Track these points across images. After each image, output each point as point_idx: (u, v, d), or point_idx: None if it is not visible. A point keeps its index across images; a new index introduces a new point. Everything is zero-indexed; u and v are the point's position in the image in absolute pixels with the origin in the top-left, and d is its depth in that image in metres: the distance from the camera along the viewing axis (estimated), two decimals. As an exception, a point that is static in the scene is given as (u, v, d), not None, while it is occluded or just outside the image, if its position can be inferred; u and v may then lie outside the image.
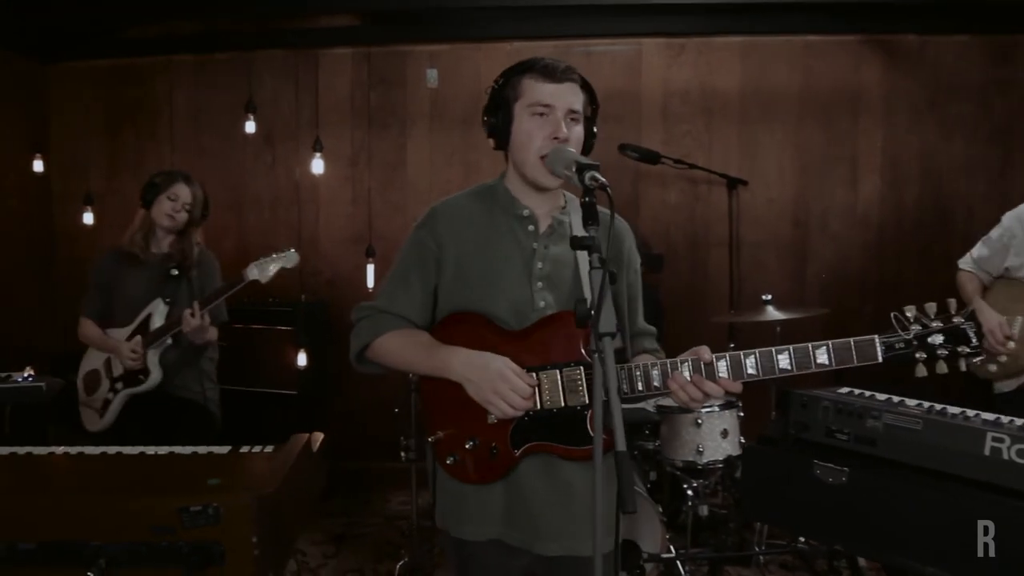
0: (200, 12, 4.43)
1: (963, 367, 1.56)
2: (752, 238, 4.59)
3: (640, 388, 1.64)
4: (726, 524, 3.49)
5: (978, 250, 2.96)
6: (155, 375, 2.95)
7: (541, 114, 1.71)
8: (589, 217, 1.48)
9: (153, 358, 2.94)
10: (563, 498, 1.73)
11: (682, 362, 1.61)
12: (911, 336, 1.55)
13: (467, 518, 1.80)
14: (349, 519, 4.18)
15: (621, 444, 1.30)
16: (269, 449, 1.94)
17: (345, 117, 4.58)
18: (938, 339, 1.54)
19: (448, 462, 1.77)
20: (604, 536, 1.84)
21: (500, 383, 1.63)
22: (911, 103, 4.57)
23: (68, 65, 4.77)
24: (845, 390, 2.26)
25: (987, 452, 1.83)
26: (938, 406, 2.08)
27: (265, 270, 2.89)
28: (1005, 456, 1.81)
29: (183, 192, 3.05)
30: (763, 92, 4.56)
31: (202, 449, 1.95)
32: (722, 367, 1.59)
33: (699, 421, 3.23)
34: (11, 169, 4.48)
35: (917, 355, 1.55)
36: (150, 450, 2.00)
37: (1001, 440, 1.82)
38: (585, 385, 1.65)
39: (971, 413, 2.04)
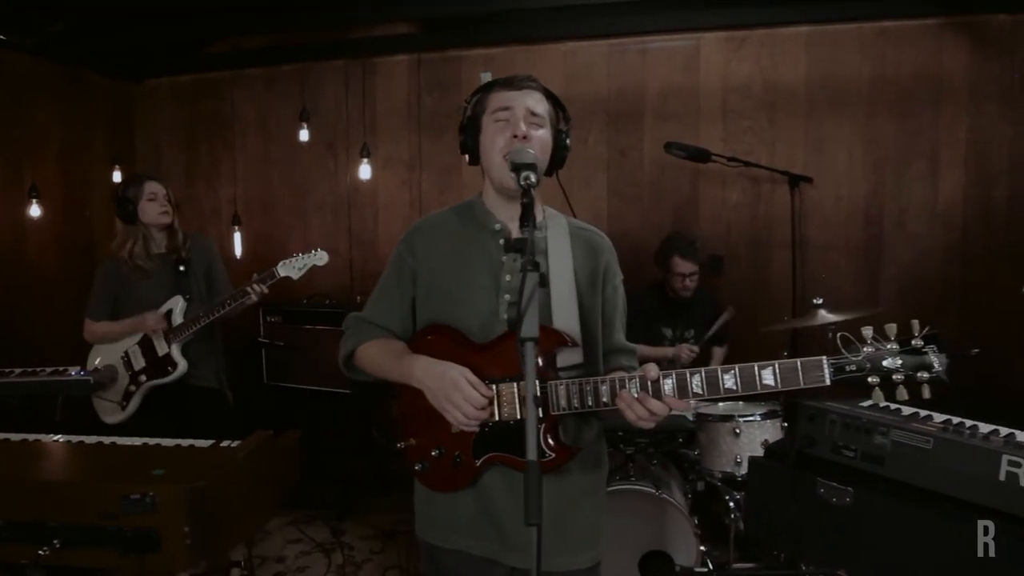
0: (266, 27, 4.61)
1: (926, 394, 1.44)
2: (821, 239, 4.35)
3: (590, 403, 1.60)
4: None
5: None
6: (182, 366, 3.15)
7: (503, 119, 1.74)
8: (524, 219, 1.45)
9: (177, 350, 3.14)
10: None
11: (629, 379, 1.57)
12: (862, 358, 1.45)
13: (436, 524, 1.85)
14: (400, 516, 4.25)
15: (532, 454, 1.27)
16: (235, 444, 2.03)
17: (402, 123, 4.67)
18: (894, 363, 1.44)
19: (416, 468, 1.83)
20: (585, 550, 1.83)
21: (453, 392, 1.65)
22: (1001, 89, 4.20)
23: (151, 82, 5.08)
24: (867, 403, 2.09)
25: (1002, 477, 1.65)
26: (958, 421, 1.91)
27: (294, 268, 3.04)
28: (1022, 482, 1.63)
29: (157, 188, 3.25)
30: (831, 84, 4.31)
31: (184, 442, 2.06)
32: (668, 385, 1.54)
33: (737, 431, 3.10)
34: (97, 180, 4.81)
35: (870, 379, 1.45)
36: (130, 441, 2.15)
37: (1018, 464, 1.64)
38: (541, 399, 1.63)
39: (994, 431, 1.85)
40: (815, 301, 3.29)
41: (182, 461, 1.93)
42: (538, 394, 1.33)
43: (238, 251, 4.58)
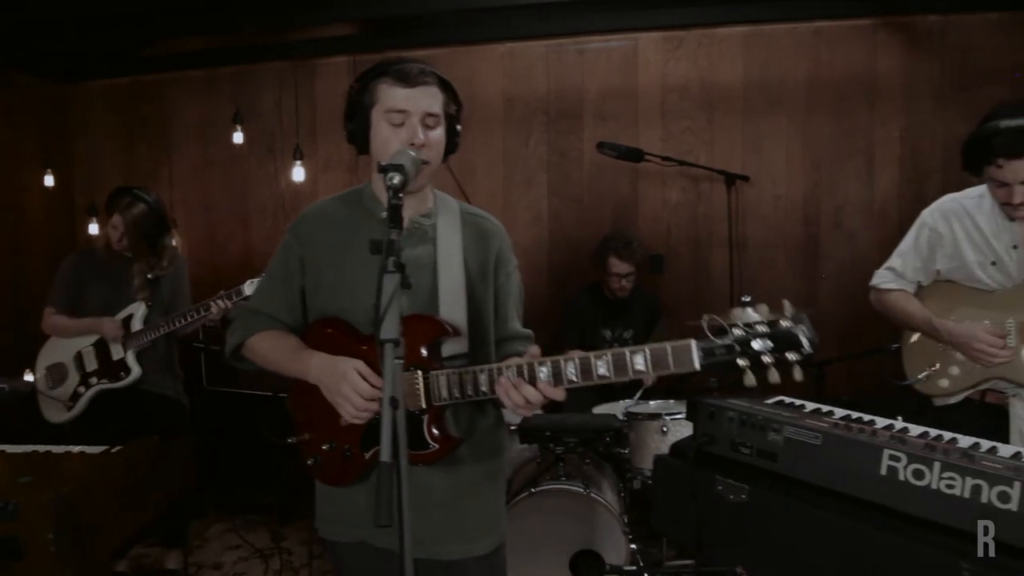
0: (203, 29, 4.55)
1: (798, 376, 1.41)
2: (760, 237, 4.38)
3: (470, 393, 1.60)
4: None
5: (901, 262, 2.64)
6: (135, 372, 3.14)
7: (399, 123, 1.70)
8: (392, 220, 1.44)
9: (132, 356, 3.12)
10: (424, 502, 1.74)
11: (506, 368, 1.57)
12: (731, 341, 1.42)
13: (335, 519, 1.85)
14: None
15: (385, 455, 1.26)
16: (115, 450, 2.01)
17: (341, 124, 4.62)
18: (764, 344, 1.40)
19: (309, 463, 1.83)
20: (484, 537, 1.83)
21: (343, 384, 1.63)
22: (934, 88, 4.27)
23: (87, 85, 5.00)
24: (772, 400, 2.11)
25: (883, 471, 1.67)
26: (857, 416, 1.93)
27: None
28: (901, 476, 1.64)
29: (116, 221, 3.27)
30: (768, 84, 4.35)
31: (75, 448, 2.02)
32: (543, 373, 1.53)
33: (665, 429, 3.11)
34: (30, 184, 4.73)
35: (740, 362, 1.41)
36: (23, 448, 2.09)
37: (898, 459, 1.65)
38: (423, 390, 1.63)
39: (888, 425, 1.87)
40: (743, 299, 3.30)
41: (53, 468, 1.89)
42: (396, 396, 1.31)
43: (175, 255, 4.53)
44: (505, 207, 4.56)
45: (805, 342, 1.39)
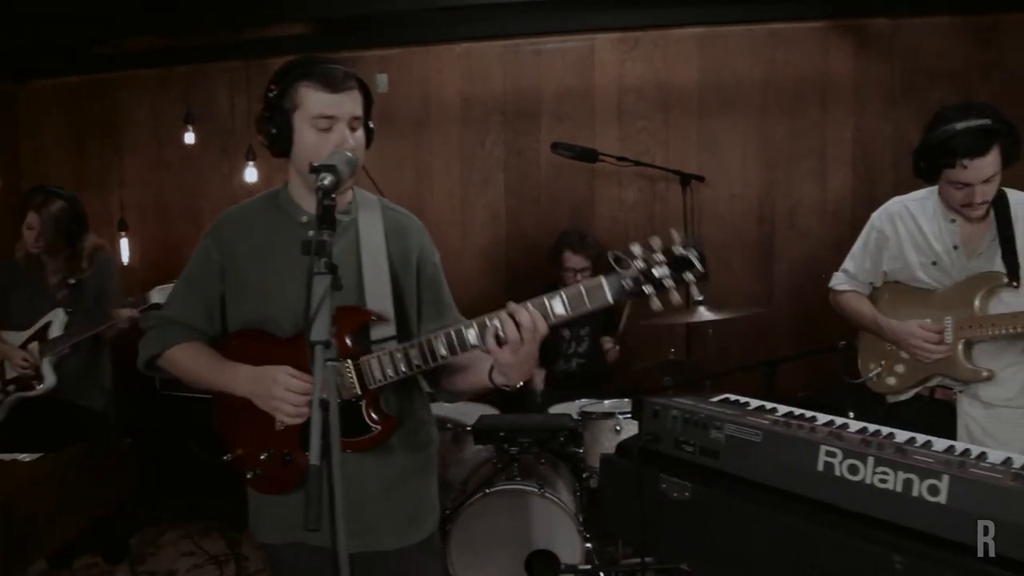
0: (155, 27, 4.48)
1: (696, 295, 1.58)
2: (716, 237, 4.42)
3: (404, 369, 1.65)
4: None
5: (853, 264, 2.74)
6: (49, 381, 3.05)
7: (326, 128, 1.68)
8: (323, 221, 1.43)
9: (48, 364, 3.02)
10: (359, 494, 1.75)
11: (435, 337, 1.64)
12: (635, 272, 1.54)
13: (269, 522, 1.85)
14: (298, 527, 4.18)
15: (314, 458, 1.25)
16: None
17: (257, 128, 4.58)
18: (664, 271, 1.53)
19: (248, 476, 1.81)
20: (417, 525, 1.83)
21: (276, 388, 1.63)
22: (884, 90, 4.34)
23: (35, 84, 4.89)
24: (716, 398, 2.12)
25: (820, 467, 1.69)
26: (799, 413, 1.95)
27: (164, 296, 2.97)
28: (837, 472, 1.66)
29: (32, 220, 3.17)
30: (723, 85, 4.39)
31: (7, 456, 1.97)
32: (471, 335, 1.62)
33: (618, 428, 3.13)
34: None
35: (646, 290, 1.54)
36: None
37: (834, 454, 1.67)
38: (355, 376, 1.66)
39: (829, 421, 1.89)
40: (696, 299, 3.33)
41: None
42: (326, 398, 1.30)
43: (125, 258, 4.44)
44: (463, 207, 4.55)
45: (696, 262, 1.52)
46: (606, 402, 3.40)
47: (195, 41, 4.61)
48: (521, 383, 1.68)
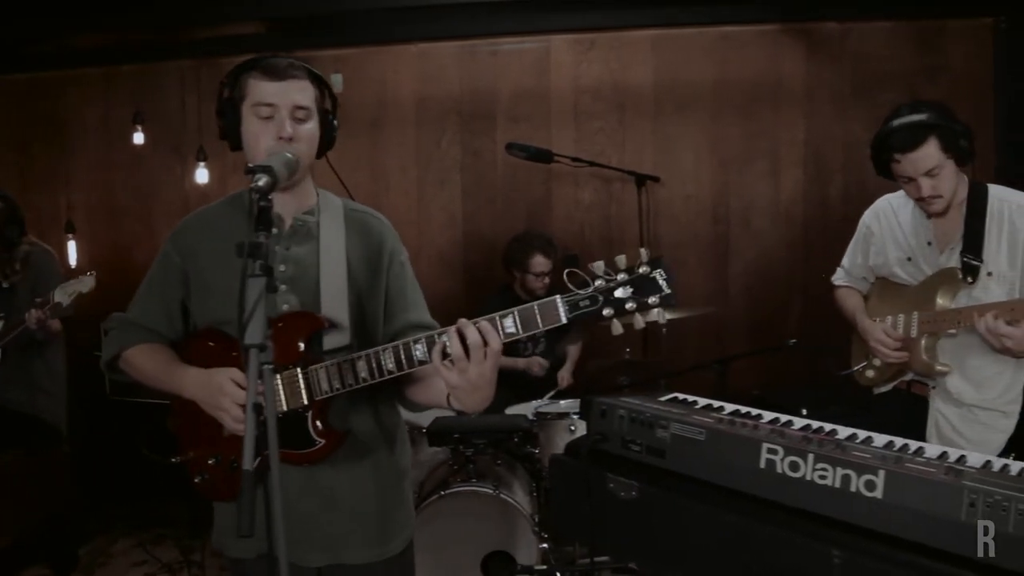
0: (103, 25, 4.38)
1: (661, 319, 1.49)
2: (671, 237, 4.46)
3: (350, 382, 1.60)
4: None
5: (848, 260, 2.82)
6: None
7: (267, 116, 1.67)
8: (259, 223, 1.41)
9: None
10: (325, 505, 1.73)
11: (383, 350, 1.59)
12: (593, 292, 1.45)
13: (232, 533, 1.80)
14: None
15: (247, 463, 1.24)
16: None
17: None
18: (625, 292, 1.44)
19: (197, 481, 1.79)
20: (390, 539, 1.81)
21: (220, 397, 1.61)
22: (834, 93, 4.43)
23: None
24: (665, 397, 2.14)
25: (762, 465, 1.71)
26: (745, 411, 1.97)
27: (65, 294, 2.92)
28: (778, 469, 1.68)
29: None
30: (678, 86, 4.44)
31: None
32: (419, 350, 1.56)
33: (572, 428, 3.13)
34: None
35: (605, 312, 1.45)
36: None
37: (775, 452, 1.70)
38: (303, 386, 1.62)
39: (774, 419, 1.92)
40: (661, 323, 3.36)
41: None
42: (260, 402, 1.28)
43: (73, 261, 4.35)
44: (419, 208, 4.53)
45: (663, 284, 1.44)
46: (561, 402, 3.41)
47: (145, 39, 4.52)
48: (481, 409, 1.64)
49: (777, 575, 1.64)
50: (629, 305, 1.45)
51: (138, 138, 4.23)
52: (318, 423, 1.63)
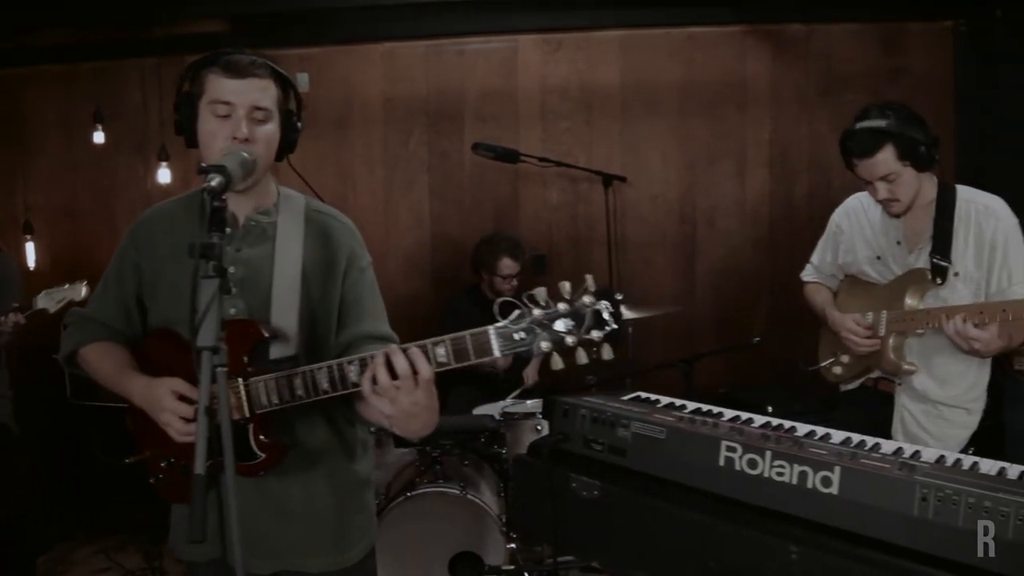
0: (63, 22, 4.30)
1: (607, 354, 1.35)
2: (639, 237, 4.48)
3: (288, 398, 1.56)
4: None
5: (818, 257, 2.84)
6: None
7: (224, 115, 1.62)
8: (212, 224, 1.38)
9: None
10: (277, 513, 1.70)
11: (317, 369, 1.54)
12: (530, 323, 1.33)
13: (186, 538, 1.74)
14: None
15: (199, 468, 1.21)
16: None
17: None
18: (566, 324, 1.31)
19: (152, 481, 1.77)
20: (349, 547, 1.78)
21: (162, 413, 1.59)
22: (799, 93, 4.47)
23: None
24: (627, 396, 2.15)
25: (721, 463, 1.72)
26: (707, 409, 1.98)
27: (52, 300, 2.85)
28: (737, 466, 1.70)
29: None
30: (645, 87, 4.45)
31: None
32: (352, 372, 1.50)
33: (539, 428, 3.14)
34: None
35: (542, 345, 1.32)
36: None
37: (734, 449, 1.71)
38: (245, 398, 1.58)
39: (734, 417, 1.93)
40: (615, 297, 3.36)
41: None
42: (212, 405, 1.26)
43: (32, 262, 4.26)
44: (386, 208, 4.50)
45: (608, 317, 1.33)
46: (528, 402, 3.41)
47: (106, 36, 4.44)
48: (423, 435, 1.57)
49: (736, 572, 1.66)
50: (569, 340, 1.32)
51: (98, 137, 4.15)
52: (261, 436, 1.59)
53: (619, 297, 3.31)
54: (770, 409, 3.48)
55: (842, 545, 1.55)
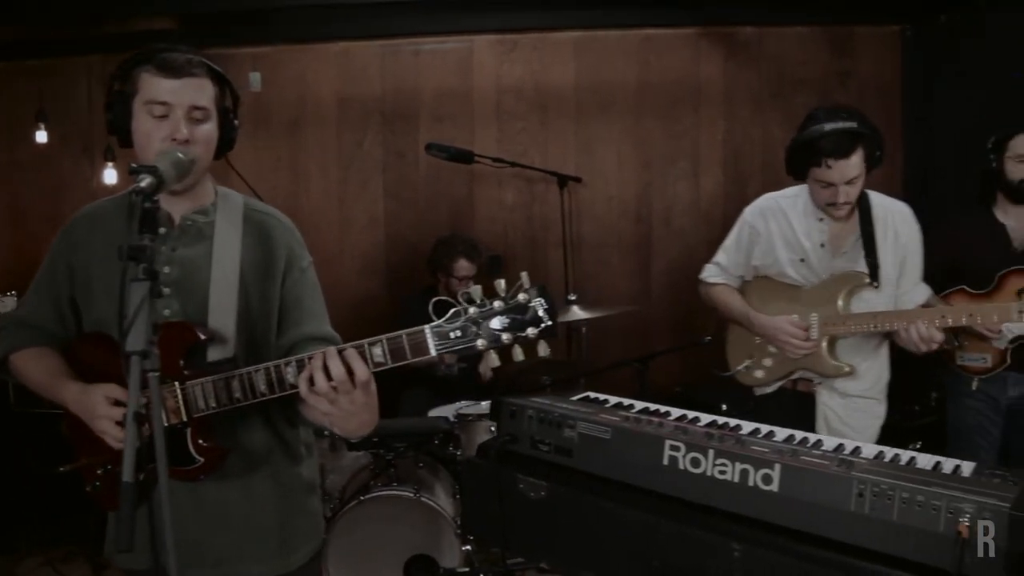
0: (6, 17, 4.17)
1: (543, 351, 1.36)
2: (595, 237, 4.50)
3: (225, 401, 1.53)
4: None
5: (726, 257, 2.79)
6: None
7: (161, 115, 1.58)
8: (142, 226, 1.35)
9: None
10: (216, 520, 1.66)
11: (254, 371, 1.51)
12: (465, 322, 1.34)
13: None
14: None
15: (127, 475, 1.18)
16: None
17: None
18: (502, 322, 1.33)
19: (88, 489, 1.72)
20: (291, 552, 1.75)
21: (96, 420, 1.55)
22: (752, 95, 4.53)
23: None
24: (576, 396, 2.15)
25: (665, 461, 1.73)
26: (654, 409, 1.99)
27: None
28: (680, 465, 1.71)
29: None
30: (600, 88, 4.47)
31: None
32: (290, 373, 1.48)
33: (492, 429, 3.11)
34: None
35: (479, 343, 1.34)
36: None
37: (677, 448, 1.72)
38: (182, 401, 1.54)
39: (681, 416, 1.94)
40: (569, 297, 3.38)
41: None
42: (140, 410, 1.23)
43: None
44: (341, 209, 4.46)
45: (544, 314, 1.34)
46: (482, 403, 3.40)
47: (50, 33, 4.33)
48: (363, 434, 1.56)
49: (680, 570, 1.67)
50: (505, 337, 1.34)
51: (41, 136, 4.04)
52: (199, 440, 1.56)
53: (572, 298, 3.33)
54: (724, 408, 3.50)
55: (783, 542, 1.56)
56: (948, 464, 1.61)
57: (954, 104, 4.09)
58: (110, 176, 4.02)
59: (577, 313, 3.27)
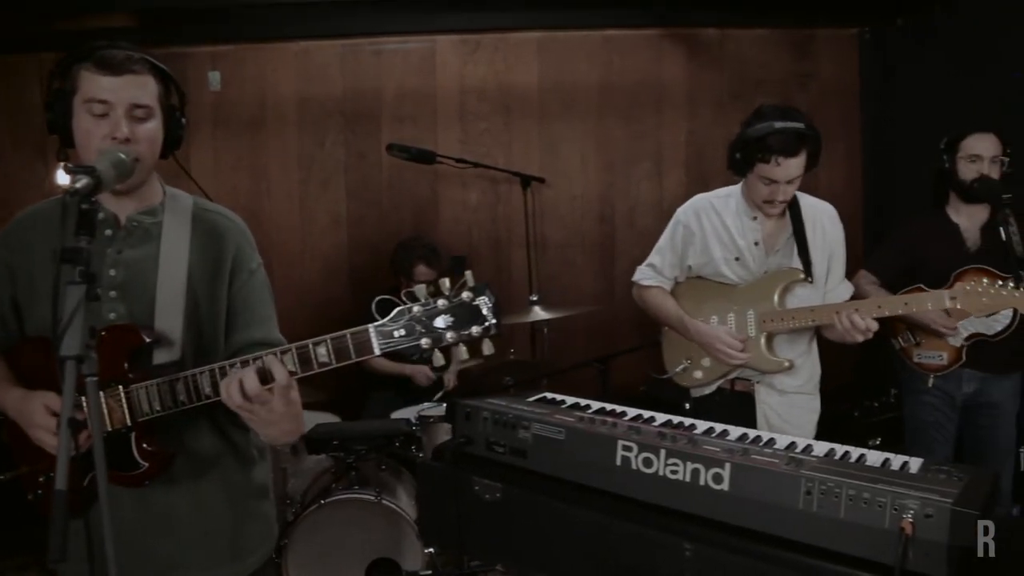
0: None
1: (487, 350, 1.36)
2: (558, 237, 4.51)
3: (170, 404, 1.51)
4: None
5: (660, 259, 2.78)
6: None
7: (101, 113, 1.55)
8: (79, 227, 1.32)
9: None
10: (164, 527, 1.63)
11: (199, 373, 1.50)
12: (409, 320, 1.34)
13: (69, 554, 1.65)
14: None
15: (60, 483, 1.15)
16: None
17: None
18: (446, 320, 1.33)
19: (30, 498, 1.69)
20: (243, 556, 1.72)
21: (34, 429, 1.53)
22: (714, 96, 4.57)
23: None
24: (533, 397, 2.13)
25: (618, 462, 1.73)
26: (611, 409, 1.98)
27: None
28: (633, 465, 1.70)
29: None
30: (563, 88, 4.48)
31: None
32: (249, 374, 1.44)
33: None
34: None
35: (423, 343, 1.34)
36: None
37: (630, 448, 1.71)
38: (126, 405, 1.52)
39: (636, 416, 1.94)
40: (531, 298, 3.37)
41: None
42: (75, 416, 1.20)
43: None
44: (302, 210, 4.41)
45: (487, 313, 1.35)
46: (444, 405, 3.38)
47: (1, 30, 4.23)
48: (286, 442, 1.58)
49: (632, 570, 1.66)
50: (450, 336, 1.34)
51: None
52: (144, 444, 1.53)
53: (534, 298, 3.32)
54: (687, 407, 3.51)
55: (735, 541, 1.56)
56: (896, 461, 1.62)
57: (911, 105, 4.17)
58: (63, 177, 3.91)
59: (540, 313, 3.26)
